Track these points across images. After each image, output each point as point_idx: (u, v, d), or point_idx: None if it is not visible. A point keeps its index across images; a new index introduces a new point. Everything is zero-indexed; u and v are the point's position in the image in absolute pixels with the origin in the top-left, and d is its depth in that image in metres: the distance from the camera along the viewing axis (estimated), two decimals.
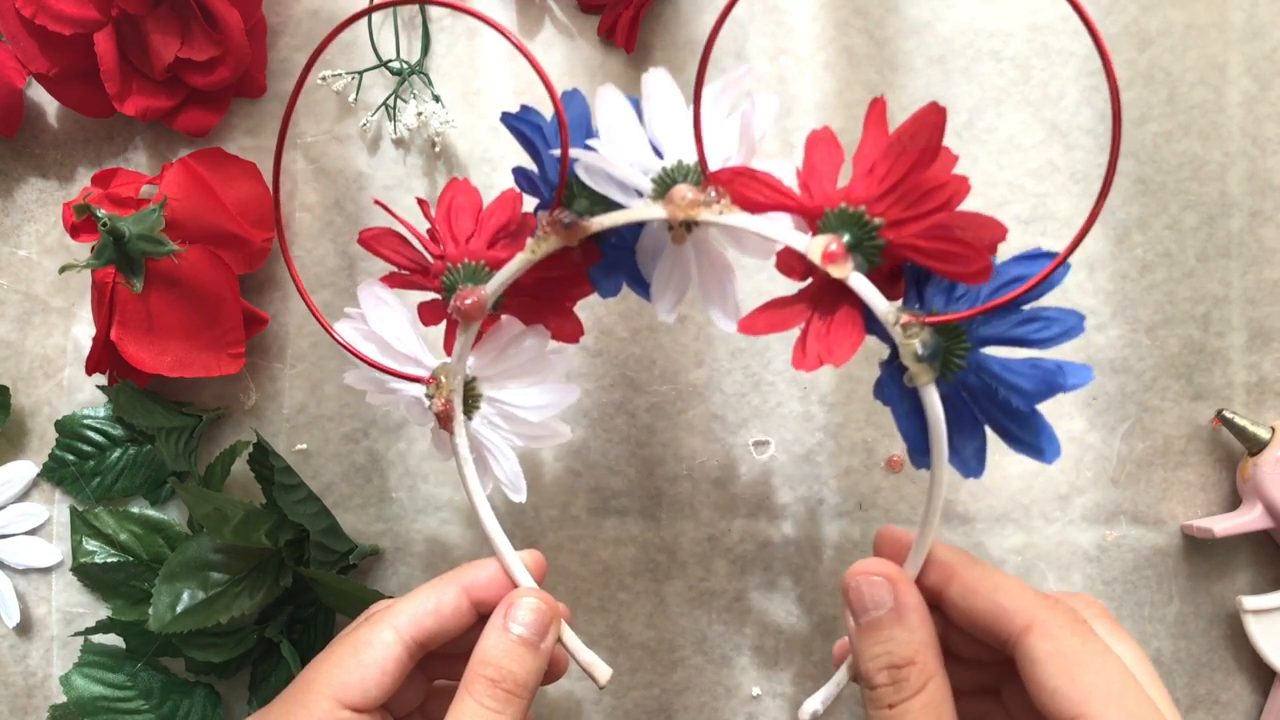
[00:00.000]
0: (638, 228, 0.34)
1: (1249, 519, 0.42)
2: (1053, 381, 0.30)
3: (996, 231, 0.29)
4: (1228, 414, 0.43)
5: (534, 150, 0.34)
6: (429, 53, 0.47)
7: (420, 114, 0.45)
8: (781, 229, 0.31)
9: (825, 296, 0.31)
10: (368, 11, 0.35)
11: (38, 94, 0.48)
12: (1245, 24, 0.44)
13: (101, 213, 0.40)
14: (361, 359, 0.36)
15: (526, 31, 0.46)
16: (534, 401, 0.37)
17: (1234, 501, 0.44)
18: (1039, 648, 0.29)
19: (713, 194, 0.31)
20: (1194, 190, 0.44)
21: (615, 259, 0.35)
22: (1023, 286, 0.30)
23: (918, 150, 0.29)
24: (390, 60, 0.46)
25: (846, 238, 0.31)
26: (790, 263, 0.32)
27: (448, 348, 0.36)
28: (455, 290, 0.34)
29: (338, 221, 0.47)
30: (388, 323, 0.37)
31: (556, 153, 0.33)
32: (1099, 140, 0.45)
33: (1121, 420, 0.44)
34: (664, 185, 0.32)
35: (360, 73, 0.46)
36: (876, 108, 0.31)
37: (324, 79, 0.46)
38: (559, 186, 0.32)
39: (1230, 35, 0.45)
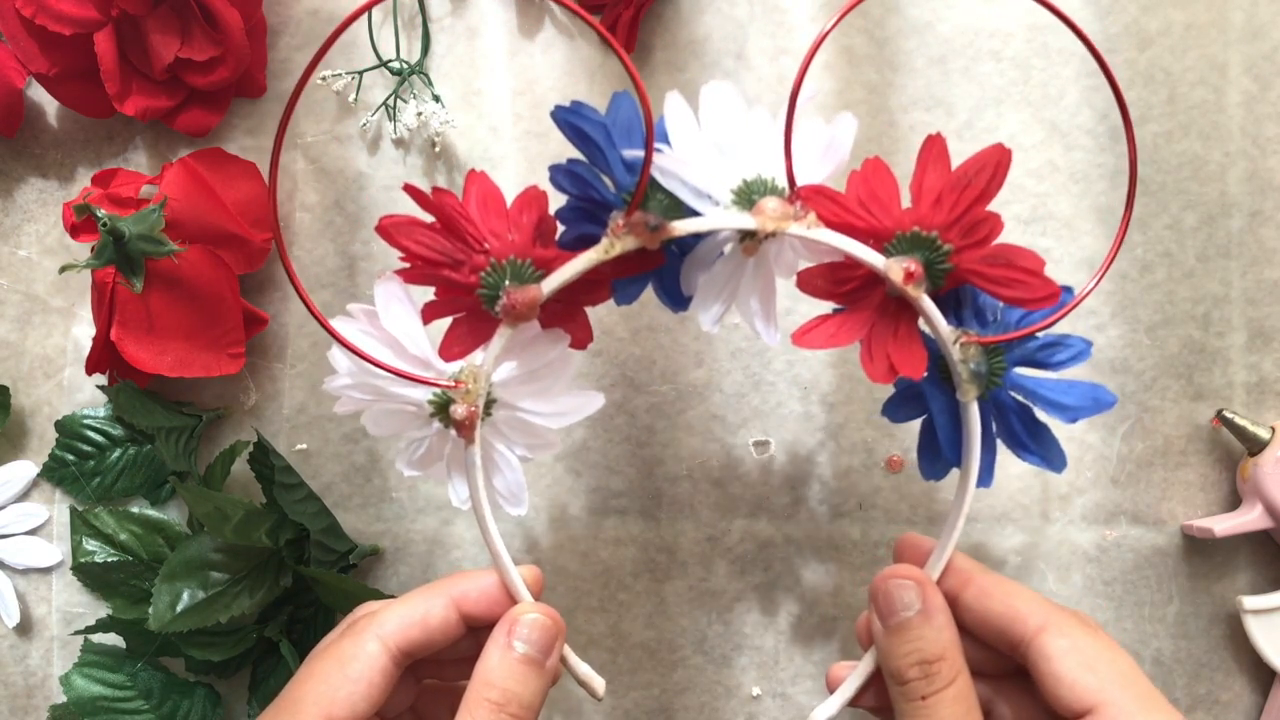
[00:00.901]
0: (696, 235, 0.34)
1: (1249, 519, 0.42)
2: (1101, 399, 0.34)
3: (1036, 262, 0.31)
4: (1228, 414, 0.43)
5: (591, 147, 0.33)
6: (429, 53, 0.47)
7: (420, 114, 0.45)
8: (862, 248, 0.32)
9: (886, 313, 0.33)
10: (369, 6, 0.34)
11: (38, 94, 0.48)
12: (1245, 24, 0.44)
13: (101, 213, 0.40)
14: (375, 363, 0.34)
15: (526, 31, 0.46)
16: (555, 409, 0.36)
17: (1234, 501, 0.44)
18: (1055, 644, 0.31)
19: (799, 208, 0.32)
20: (1194, 190, 0.44)
21: (664, 266, 0.35)
22: (1053, 316, 0.33)
23: (982, 185, 0.32)
24: (390, 60, 0.46)
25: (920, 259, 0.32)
26: (815, 283, 0.34)
27: (444, 352, 0.35)
28: (501, 288, 0.33)
29: (337, 221, 0.47)
30: (402, 322, 0.35)
31: (630, 153, 0.32)
32: (1099, 140, 0.45)
33: (1121, 420, 0.44)
34: (746, 196, 0.33)
35: (360, 73, 0.46)
36: (937, 143, 0.32)
37: (324, 79, 0.46)
38: (639, 188, 0.32)
39: (1230, 35, 0.45)
